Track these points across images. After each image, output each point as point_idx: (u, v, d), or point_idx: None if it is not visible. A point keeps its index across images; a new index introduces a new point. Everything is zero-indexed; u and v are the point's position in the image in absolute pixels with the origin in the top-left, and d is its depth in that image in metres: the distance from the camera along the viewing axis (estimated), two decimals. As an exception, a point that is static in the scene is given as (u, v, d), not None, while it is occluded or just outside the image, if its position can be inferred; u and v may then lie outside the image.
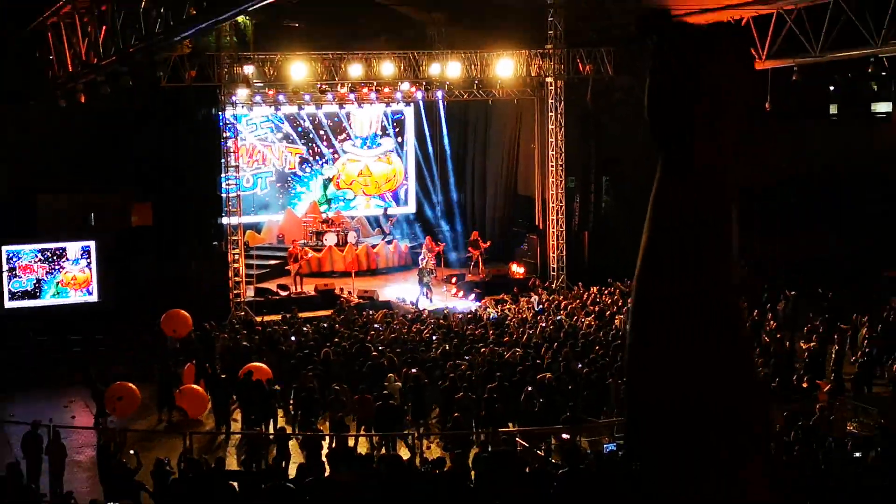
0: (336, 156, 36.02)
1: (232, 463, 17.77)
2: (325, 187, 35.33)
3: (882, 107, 40.47)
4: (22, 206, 28.70)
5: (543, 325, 25.70)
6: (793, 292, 27.22)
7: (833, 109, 40.95)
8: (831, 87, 39.37)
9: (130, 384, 20.99)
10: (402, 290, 30.81)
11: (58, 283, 27.41)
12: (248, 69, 28.64)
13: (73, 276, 27.52)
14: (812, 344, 23.22)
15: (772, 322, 25.56)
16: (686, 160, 1.18)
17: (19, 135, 29.22)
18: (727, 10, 21.03)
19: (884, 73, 29.63)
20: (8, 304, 26.86)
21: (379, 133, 36.43)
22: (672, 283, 1.11)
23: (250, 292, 30.18)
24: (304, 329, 25.79)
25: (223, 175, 29.37)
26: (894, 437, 15.98)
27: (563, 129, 31.77)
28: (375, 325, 26.15)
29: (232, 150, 29.59)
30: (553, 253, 32.15)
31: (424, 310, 28.46)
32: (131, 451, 16.30)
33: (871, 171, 33.66)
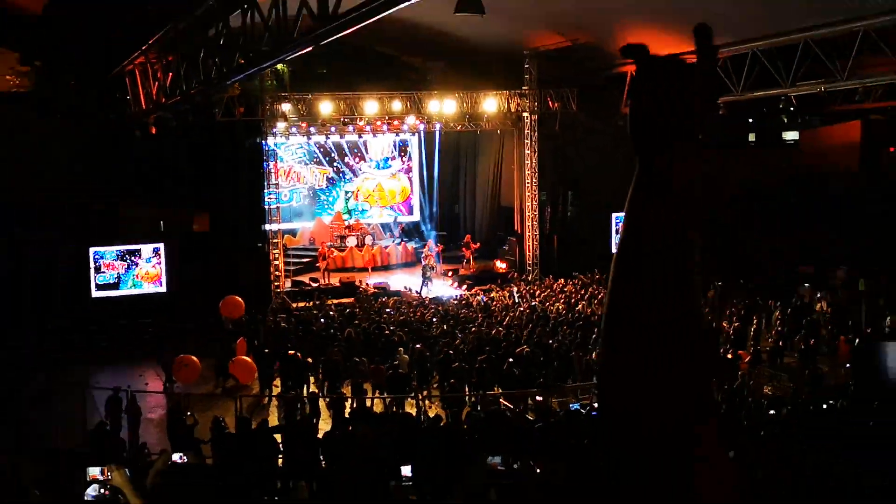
0: (355, 175, 35.96)
1: (273, 420, 17.79)
2: (347, 200, 35.29)
3: (790, 135, 40.57)
4: (107, 216, 28.72)
5: (521, 309, 25.72)
6: (719, 282, 27.26)
7: (752, 137, 41.05)
8: (750, 120, 39.41)
9: (193, 356, 21.04)
10: (408, 282, 30.79)
11: (134, 277, 27.38)
12: (286, 106, 28.70)
13: (147, 271, 27.48)
14: (735, 324, 23.27)
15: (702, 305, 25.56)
16: (666, 180, 1.08)
17: (105, 158, 29.23)
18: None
19: (792, 108, 29.68)
20: (95, 294, 26.87)
21: (390, 157, 36.38)
22: (650, 310, 1.00)
23: (288, 284, 30.23)
24: (331, 313, 25.79)
25: (266, 190, 29.40)
26: (801, 399, 16.01)
27: (536, 154, 31.82)
28: (387, 310, 26.15)
29: (273, 170, 29.66)
30: (529, 252, 32.19)
31: (426, 298, 28.46)
32: (188, 413, 16.30)
33: (782, 188, 33.71)
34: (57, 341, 23.61)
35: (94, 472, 5.05)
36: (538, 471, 11.35)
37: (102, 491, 5.03)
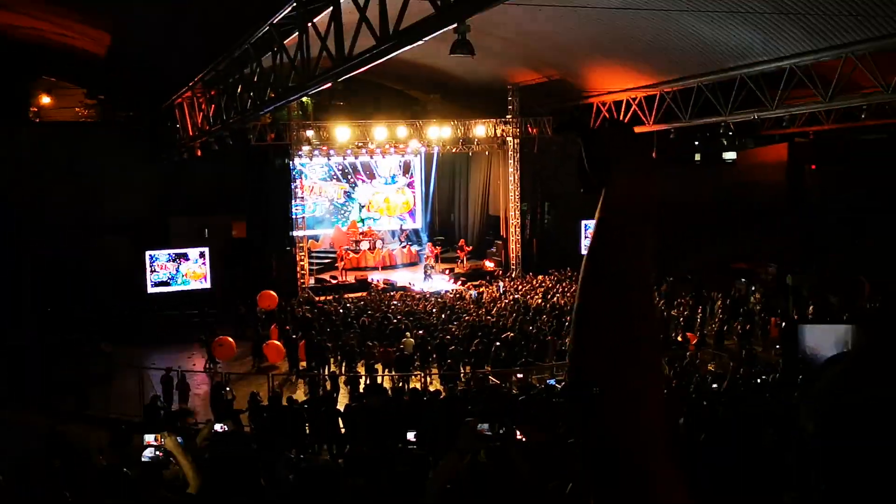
0: (367, 189, 35.87)
1: (300, 394, 17.76)
2: (360, 211, 35.22)
3: (729, 155, 40.58)
4: (160, 225, 28.72)
5: (506, 301, 25.71)
6: (670, 278, 27.28)
7: (697, 157, 41.04)
8: (696, 142, 39.42)
9: (229, 337, 21.07)
10: (412, 279, 30.78)
11: (183, 276, 27.33)
12: (309, 133, 28.66)
13: (194, 270, 27.46)
14: (685, 312, 23.28)
15: (656, 298, 25.58)
16: (620, 209, 1.05)
17: (157, 178, 29.28)
18: (628, 92, 20.91)
19: (730, 133, 29.61)
20: (150, 290, 26.83)
21: (396, 174, 36.28)
22: (614, 312, 0.94)
23: (311, 281, 30.18)
24: (348, 305, 25.77)
25: (293, 203, 29.38)
26: (739, 374, 16.02)
27: (518, 172, 31.83)
28: (394, 302, 26.12)
29: (298, 186, 29.64)
30: (513, 253, 32.18)
31: (427, 291, 28.45)
32: (227, 388, 16.30)
33: (721, 199, 33.80)
34: (117, 327, 23.54)
35: (149, 438, 5.04)
36: (520, 437, 11.35)
37: (157, 453, 5.01)
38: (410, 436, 11.88)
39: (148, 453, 5.04)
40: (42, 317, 23.17)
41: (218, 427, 8.14)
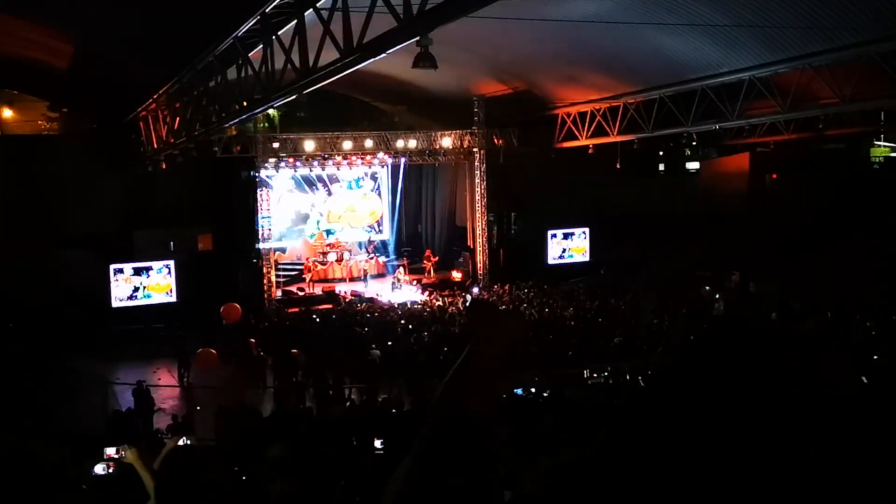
0: (330, 196, 35.62)
1: (268, 406, 17.66)
2: (318, 222, 34.90)
3: (692, 165, 41.19)
4: (125, 238, 28.40)
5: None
6: (636, 287, 27.55)
7: (661, 167, 41.59)
8: (660, 153, 39.94)
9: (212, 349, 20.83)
10: (380, 290, 30.75)
11: (145, 289, 26.98)
12: (276, 144, 28.58)
13: (159, 283, 27.13)
14: (654, 320, 23.54)
15: (622, 306, 25.84)
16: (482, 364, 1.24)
17: (122, 191, 29.01)
18: (592, 104, 21.14)
19: (693, 143, 30.09)
20: (115, 304, 26.48)
21: (361, 177, 35.84)
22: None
23: (279, 293, 30.01)
24: (315, 317, 25.66)
25: (259, 215, 29.24)
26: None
27: (485, 182, 31.94)
28: (366, 314, 26.05)
29: (265, 198, 29.50)
30: (480, 263, 32.30)
31: (395, 303, 28.45)
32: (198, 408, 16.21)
33: (684, 208, 34.23)
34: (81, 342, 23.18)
35: (109, 451, 5.00)
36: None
37: (110, 469, 4.97)
38: (377, 443, 11.94)
39: (99, 469, 5.01)
40: (4, 331, 22.78)
41: (182, 442, 8.12)
